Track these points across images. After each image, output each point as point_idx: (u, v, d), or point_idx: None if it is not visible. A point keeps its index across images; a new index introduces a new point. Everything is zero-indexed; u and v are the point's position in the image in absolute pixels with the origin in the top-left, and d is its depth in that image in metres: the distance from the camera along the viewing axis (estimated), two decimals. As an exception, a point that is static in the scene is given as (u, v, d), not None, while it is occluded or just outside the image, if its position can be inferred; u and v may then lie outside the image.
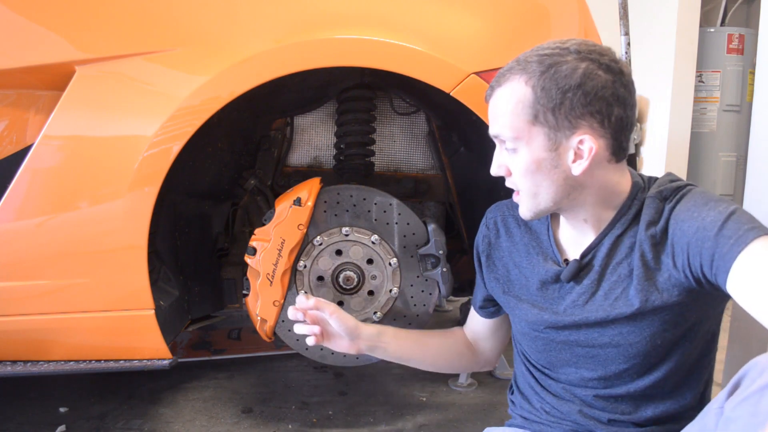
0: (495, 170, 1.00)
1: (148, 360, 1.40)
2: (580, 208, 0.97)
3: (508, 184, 1.00)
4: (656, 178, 1.00)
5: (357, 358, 1.54)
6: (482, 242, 1.17)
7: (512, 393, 1.19)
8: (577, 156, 0.91)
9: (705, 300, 0.94)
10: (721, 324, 1.05)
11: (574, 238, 1.02)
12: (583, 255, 1.00)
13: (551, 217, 1.07)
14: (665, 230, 0.93)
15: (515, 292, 1.10)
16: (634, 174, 1.00)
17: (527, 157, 0.93)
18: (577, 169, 0.92)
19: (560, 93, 0.88)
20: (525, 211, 0.99)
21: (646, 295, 0.93)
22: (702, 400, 1.03)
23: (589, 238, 1.00)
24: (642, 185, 0.98)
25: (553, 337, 1.03)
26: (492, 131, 0.98)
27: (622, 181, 0.97)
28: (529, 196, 0.97)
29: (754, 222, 0.85)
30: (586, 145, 0.90)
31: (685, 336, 0.97)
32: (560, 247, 1.05)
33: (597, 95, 0.89)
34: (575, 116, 0.89)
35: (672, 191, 0.95)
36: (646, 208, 0.95)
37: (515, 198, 1.01)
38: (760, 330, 0.81)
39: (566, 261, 1.03)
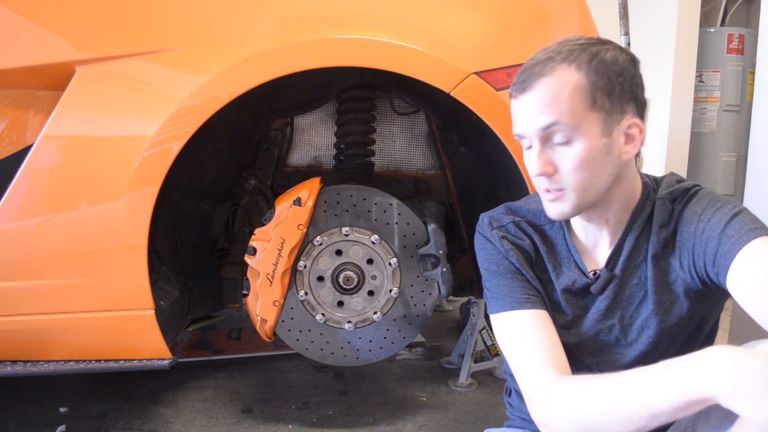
0: (543, 168, 0.90)
1: (148, 360, 1.40)
2: (607, 205, 0.95)
3: (550, 184, 0.91)
4: (661, 178, 1.00)
5: (357, 358, 1.54)
6: (519, 242, 1.02)
7: (509, 395, 1.16)
8: (629, 139, 0.91)
9: (711, 300, 0.95)
10: (719, 320, 1.05)
11: (592, 245, 1.00)
12: (608, 263, 0.97)
13: (567, 226, 1.03)
14: (674, 232, 0.93)
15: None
16: (642, 174, 1.00)
17: (584, 145, 0.88)
18: (631, 152, 0.92)
19: (614, 77, 0.89)
20: (568, 208, 0.92)
21: (659, 296, 0.93)
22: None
23: (605, 242, 0.98)
24: (651, 186, 0.98)
25: (571, 356, 0.98)
26: (543, 122, 0.88)
27: (636, 179, 0.97)
28: (578, 191, 0.90)
29: (758, 223, 0.85)
30: (635, 128, 0.91)
31: (692, 336, 0.98)
32: (581, 256, 1.00)
33: (634, 82, 0.90)
34: (625, 101, 0.90)
35: (681, 192, 0.96)
36: (658, 209, 0.95)
37: (549, 197, 0.92)
38: (760, 330, 0.81)
39: (593, 272, 0.98)
